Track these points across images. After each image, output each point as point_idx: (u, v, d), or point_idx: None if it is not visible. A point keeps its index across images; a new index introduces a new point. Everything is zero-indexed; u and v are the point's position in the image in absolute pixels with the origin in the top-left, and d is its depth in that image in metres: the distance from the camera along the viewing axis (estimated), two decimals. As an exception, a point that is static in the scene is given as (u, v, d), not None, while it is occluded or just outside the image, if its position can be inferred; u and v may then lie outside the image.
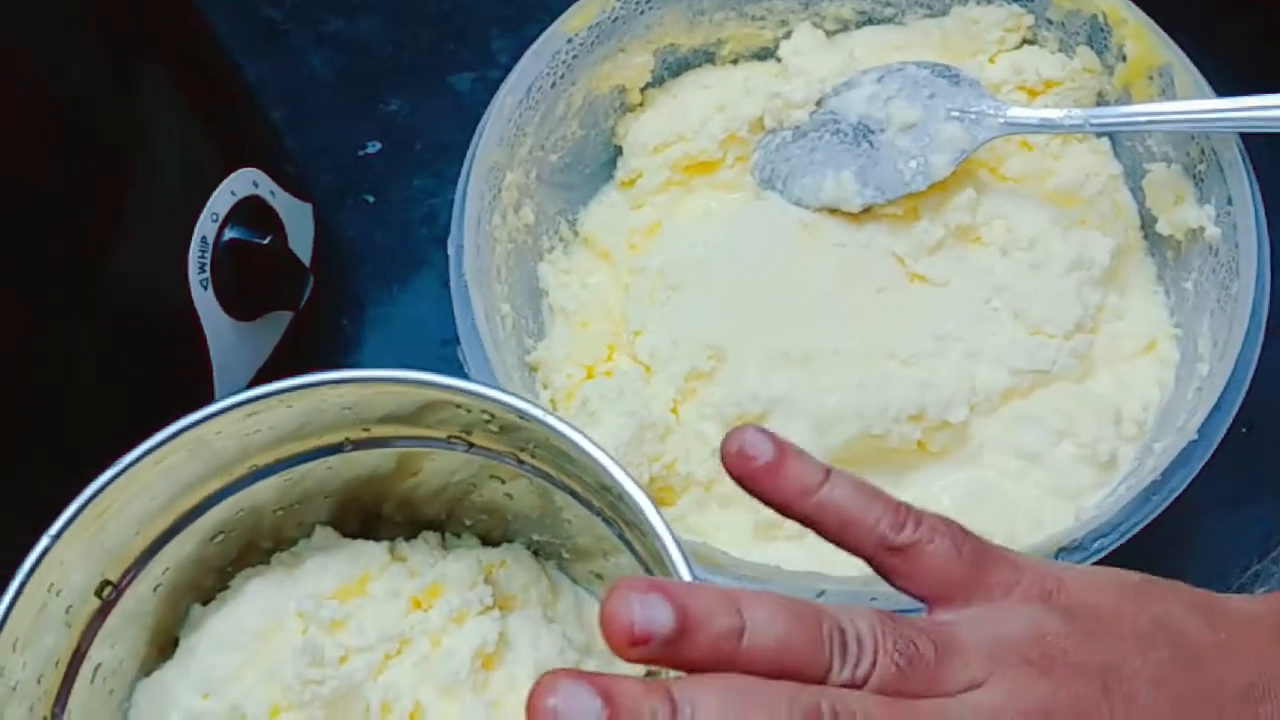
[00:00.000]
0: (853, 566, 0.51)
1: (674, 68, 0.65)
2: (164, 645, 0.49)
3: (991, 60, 0.63)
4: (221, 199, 0.54)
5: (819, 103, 0.62)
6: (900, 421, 0.55)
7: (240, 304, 0.56)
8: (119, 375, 0.52)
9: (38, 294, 0.49)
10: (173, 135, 0.53)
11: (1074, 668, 0.34)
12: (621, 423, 0.55)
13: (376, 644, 0.47)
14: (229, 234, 0.55)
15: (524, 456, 0.47)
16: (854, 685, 0.32)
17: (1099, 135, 0.62)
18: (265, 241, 0.56)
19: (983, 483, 0.57)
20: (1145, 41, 0.59)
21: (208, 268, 0.54)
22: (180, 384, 0.55)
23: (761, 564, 0.50)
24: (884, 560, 0.36)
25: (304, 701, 0.45)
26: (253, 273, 0.56)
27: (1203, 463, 0.51)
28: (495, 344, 0.54)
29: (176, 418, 0.44)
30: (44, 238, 0.48)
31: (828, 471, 0.36)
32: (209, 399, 0.45)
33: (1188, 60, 0.58)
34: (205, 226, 0.54)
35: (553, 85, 0.60)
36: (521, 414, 0.43)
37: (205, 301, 0.54)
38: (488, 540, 0.53)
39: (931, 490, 0.56)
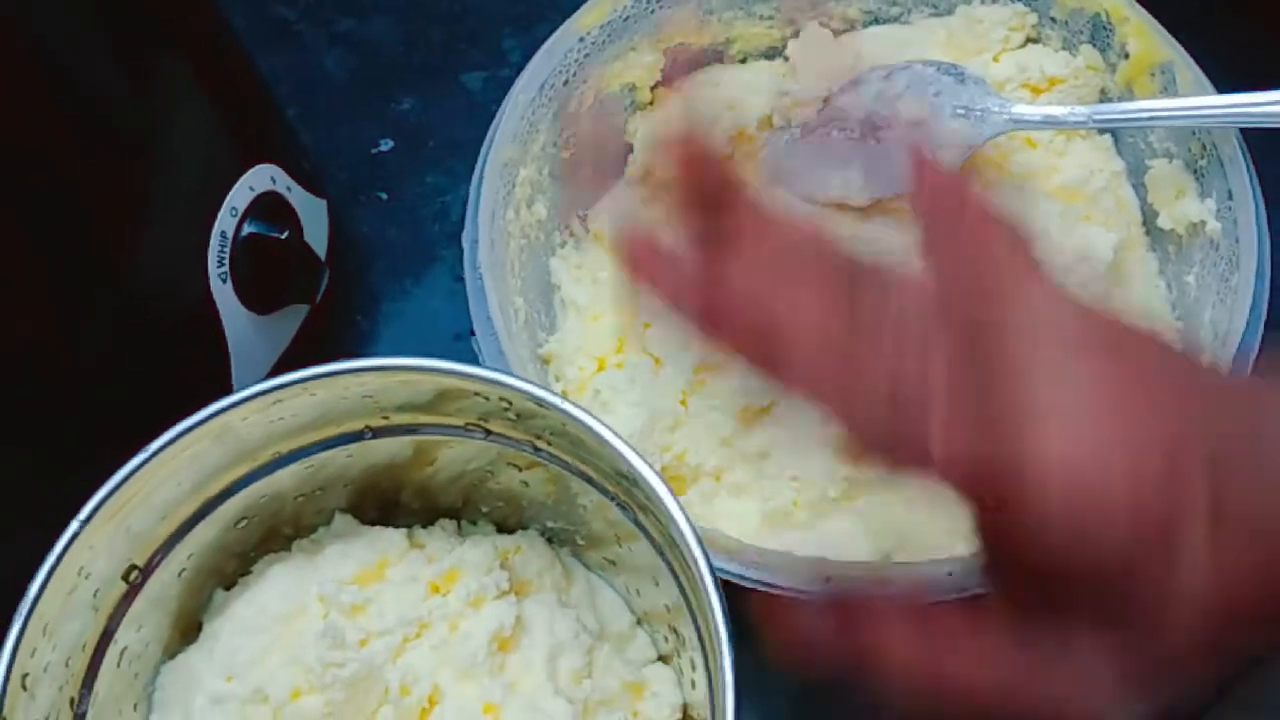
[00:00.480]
0: (861, 553, 0.52)
1: (684, 66, 0.65)
2: (188, 629, 0.50)
3: (996, 59, 0.63)
4: (240, 194, 0.55)
5: (826, 100, 0.63)
6: (907, 412, 0.56)
7: (257, 298, 0.56)
8: (139, 367, 0.53)
9: (60, 286, 0.49)
10: (193, 130, 0.53)
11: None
12: (632, 413, 0.56)
13: (396, 628, 0.47)
14: (248, 228, 0.55)
15: (540, 444, 0.48)
16: None
17: (1102, 132, 0.62)
18: (283, 236, 0.56)
19: (987, 473, 0.57)
20: (1147, 39, 0.59)
21: (227, 261, 0.54)
22: (199, 376, 0.55)
23: (771, 550, 0.50)
24: None
25: (325, 684, 0.46)
26: (270, 267, 0.56)
27: (1205, 452, 0.51)
28: (509, 336, 0.55)
29: (196, 410, 0.45)
30: (68, 230, 0.48)
31: None
32: (227, 391, 0.45)
33: (1189, 57, 0.58)
34: (225, 221, 0.54)
35: (565, 83, 0.61)
36: (540, 401, 0.44)
37: (224, 295, 0.55)
38: (503, 528, 0.53)
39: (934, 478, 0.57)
